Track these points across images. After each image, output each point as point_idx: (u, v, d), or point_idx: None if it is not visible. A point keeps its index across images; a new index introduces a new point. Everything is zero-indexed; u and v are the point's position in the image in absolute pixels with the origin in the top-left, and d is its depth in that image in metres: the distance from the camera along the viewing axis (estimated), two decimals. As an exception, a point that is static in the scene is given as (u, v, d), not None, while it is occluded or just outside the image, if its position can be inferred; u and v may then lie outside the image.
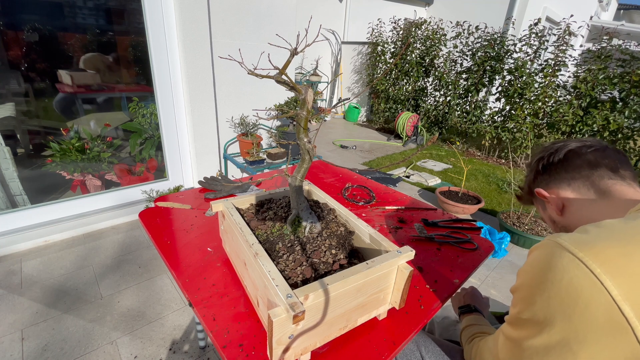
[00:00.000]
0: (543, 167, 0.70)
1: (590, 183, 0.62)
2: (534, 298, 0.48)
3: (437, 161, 4.37)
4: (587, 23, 5.43)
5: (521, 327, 0.52)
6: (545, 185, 0.69)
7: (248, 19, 2.47)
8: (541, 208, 0.74)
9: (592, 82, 3.76)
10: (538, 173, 0.71)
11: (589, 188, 0.62)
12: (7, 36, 1.89)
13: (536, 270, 0.49)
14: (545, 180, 0.69)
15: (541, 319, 0.47)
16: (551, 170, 0.68)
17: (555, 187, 0.67)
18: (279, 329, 0.54)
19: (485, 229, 2.36)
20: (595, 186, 0.62)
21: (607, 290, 0.41)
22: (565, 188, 0.65)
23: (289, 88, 0.67)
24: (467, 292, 1.01)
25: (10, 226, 1.99)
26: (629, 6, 12.47)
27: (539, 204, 0.75)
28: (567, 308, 0.44)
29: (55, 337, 1.45)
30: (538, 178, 0.71)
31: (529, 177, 0.74)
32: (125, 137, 2.53)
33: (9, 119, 2.04)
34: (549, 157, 0.69)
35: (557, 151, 0.68)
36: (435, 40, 5.39)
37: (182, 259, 0.90)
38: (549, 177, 0.68)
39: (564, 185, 0.65)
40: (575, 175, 0.64)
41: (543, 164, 0.69)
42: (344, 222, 0.84)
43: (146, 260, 1.99)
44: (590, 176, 0.63)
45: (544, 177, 0.69)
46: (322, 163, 1.78)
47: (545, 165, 0.69)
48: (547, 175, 0.69)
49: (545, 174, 0.69)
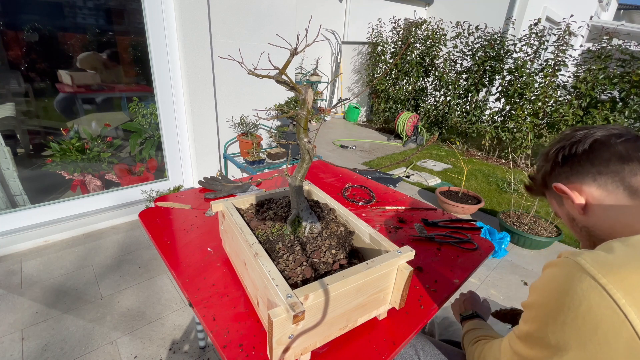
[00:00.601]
0: (564, 158, 0.60)
1: (620, 179, 0.54)
2: (547, 320, 0.45)
3: (437, 161, 4.37)
4: (587, 23, 5.42)
5: (531, 346, 0.48)
6: (565, 179, 0.60)
7: (248, 19, 2.47)
8: (556, 203, 0.66)
9: (592, 82, 3.76)
10: (557, 164, 0.61)
11: (618, 185, 0.54)
12: (7, 36, 1.89)
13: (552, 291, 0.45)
14: (566, 173, 0.60)
15: (553, 343, 0.44)
16: (573, 162, 0.58)
17: (578, 181, 0.58)
18: (279, 329, 0.54)
19: (485, 229, 2.36)
20: (626, 183, 0.54)
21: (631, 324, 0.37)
22: (589, 183, 0.57)
23: (289, 88, 0.67)
24: (466, 297, 0.97)
25: (10, 226, 1.99)
26: (629, 6, 12.47)
27: (553, 198, 0.66)
28: (584, 336, 0.40)
29: (55, 337, 1.45)
30: (556, 170, 0.62)
31: (545, 169, 0.64)
32: (125, 137, 2.53)
33: (9, 119, 2.04)
34: (571, 146, 0.59)
35: (580, 140, 0.58)
36: (435, 40, 5.39)
37: (182, 259, 0.90)
38: (571, 170, 0.59)
39: (589, 180, 0.57)
40: (602, 170, 0.55)
41: (564, 155, 0.60)
42: (344, 222, 0.84)
43: (146, 260, 1.99)
44: (620, 171, 0.54)
45: (564, 169, 0.60)
46: (322, 163, 1.78)
47: (567, 157, 0.59)
48: (568, 168, 0.59)
49: (566, 166, 0.60)
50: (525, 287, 2.02)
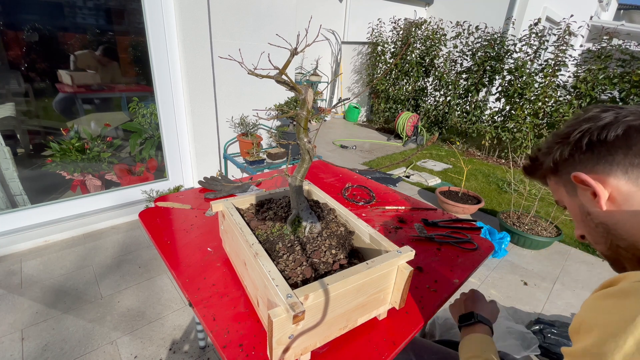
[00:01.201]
0: (589, 143, 0.51)
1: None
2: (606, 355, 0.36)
3: (437, 161, 4.37)
4: (587, 23, 5.42)
5: None
6: (587, 168, 0.52)
7: (248, 19, 2.47)
8: (566, 193, 0.58)
9: (592, 82, 3.76)
10: (578, 150, 0.52)
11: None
12: (7, 36, 1.89)
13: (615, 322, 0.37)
14: (590, 161, 0.51)
15: None
16: (602, 149, 0.50)
17: (604, 173, 0.50)
18: (279, 329, 0.54)
19: (485, 229, 2.36)
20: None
21: None
22: (619, 176, 0.49)
23: (289, 88, 0.67)
24: (467, 296, 0.86)
25: (10, 226, 1.99)
26: (629, 6, 12.47)
27: (563, 186, 0.58)
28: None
29: (55, 337, 1.45)
30: (577, 157, 0.53)
31: (559, 152, 0.55)
32: (125, 137, 2.53)
33: (9, 119, 2.04)
34: (600, 131, 0.50)
35: (610, 125, 0.50)
36: (435, 40, 5.39)
37: (182, 259, 0.90)
38: (597, 158, 0.50)
39: (619, 172, 0.49)
40: (636, 162, 0.48)
41: (590, 140, 0.51)
42: (344, 222, 0.84)
43: (146, 260, 1.99)
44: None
45: (587, 156, 0.51)
46: (322, 163, 1.78)
47: (594, 142, 0.51)
48: (594, 155, 0.51)
49: (591, 152, 0.51)
50: (525, 287, 2.02)
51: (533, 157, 0.63)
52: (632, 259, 0.52)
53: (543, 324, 1.60)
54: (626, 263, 0.53)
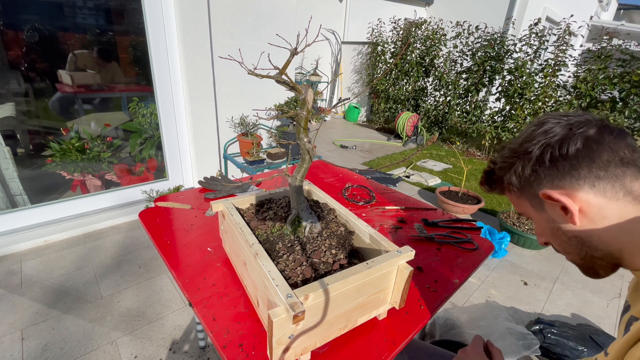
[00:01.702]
0: (552, 159, 0.49)
1: (620, 185, 0.46)
2: None
3: (437, 161, 4.37)
4: (587, 23, 5.42)
5: None
6: (551, 183, 0.50)
7: (248, 19, 2.47)
8: (531, 207, 0.56)
9: (592, 82, 3.76)
10: (542, 166, 0.50)
11: (617, 191, 0.47)
12: (7, 36, 1.89)
13: None
14: (556, 176, 0.49)
15: None
16: (565, 164, 0.48)
17: (572, 188, 0.48)
18: (279, 329, 0.54)
19: (485, 229, 2.36)
20: (627, 189, 0.46)
21: None
22: (587, 190, 0.48)
23: (289, 88, 0.67)
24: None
25: (10, 226, 1.99)
26: (629, 6, 12.47)
27: (528, 201, 0.55)
28: None
29: (55, 337, 1.45)
30: (540, 172, 0.50)
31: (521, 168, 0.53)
32: (125, 137, 2.53)
33: (9, 119, 2.04)
34: (560, 145, 0.48)
35: (569, 138, 0.48)
36: (435, 40, 5.39)
37: (182, 259, 0.90)
38: (562, 174, 0.49)
39: (586, 186, 0.48)
40: (602, 174, 0.46)
41: (552, 155, 0.49)
42: (344, 222, 0.84)
43: (146, 260, 1.99)
44: (621, 176, 0.46)
45: (553, 171, 0.49)
46: (322, 163, 1.78)
47: (556, 157, 0.49)
48: (556, 170, 0.49)
49: (555, 168, 0.49)
50: (525, 287, 2.02)
51: (489, 170, 0.61)
52: (606, 266, 0.53)
53: (543, 324, 1.60)
54: (600, 270, 0.54)
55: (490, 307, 1.57)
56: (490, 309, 1.55)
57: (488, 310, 1.54)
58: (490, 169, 0.60)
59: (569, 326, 1.60)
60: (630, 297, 0.54)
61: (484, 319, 1.48)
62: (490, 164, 0.61)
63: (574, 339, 1.49)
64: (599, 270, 0.54)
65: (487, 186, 0.62)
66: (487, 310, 1.54)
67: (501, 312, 1.53)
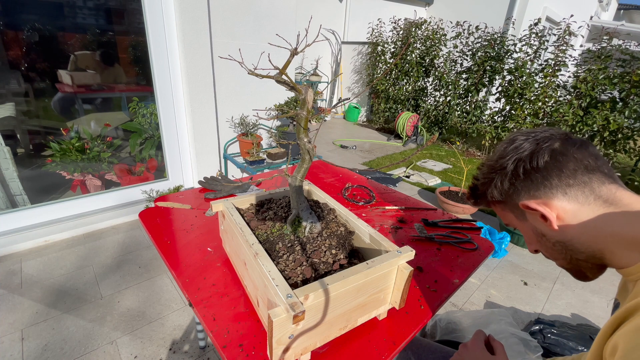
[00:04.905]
0: (524, 172, 0.55)
1: (589, 190, 0.52)
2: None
3: (437, 161, 4.37)
4: (587, 23, 5.42)
5: None
6: (528, 194, 0.55)
7: (248, 19, 2.47)
8: (515, 218, 0.61)
9: (592, 82, 3.75)
10: (517, 179, 0.56)
11: (588, 196, 0.52)
12: (7, 36, 1.89)
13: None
14: (531, 188, 0.55)
15: None
16: (537, 176, 0.54)
17: (546, 197, 0.54)
18: (279, 329, 0.54)
19: (485, 229, 2.36)
20: (596, 193, 0.51)
21: None
22: (560, 198, 0.53)
23: (289, 88, 0.67)
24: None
25: (10, 226, 1.99)
26: (629, 6, 12.47)
27: (510, 212, 0.61)
28: None
29: (55, 337, 1.45)
30: (517, 185, 0.56)
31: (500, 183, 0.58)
32: (125, 137, 2.53)
33: (9, 119, 2.04)
34: (530, 158, 0.54)
35: (537, 152, 0.54)
36: (435, 40, 5.39)
37: (182, 259, 0.90)
38: (536, 184, 0.54)
39: (559, 194, 0.53)
40: (571, 182, 0.52)
41: (524, 168, 0.55)
42: (344, 222, 0.84)
43: (146, 260, 1.99)
44: (588, 182, 0.52)
45: (527, 183, 0.55)
46: (322, 163, 1.78)
47: (528, 170, 0.54)
48: (530, 182, 0.55)
49: (529, 180, 0.55)
50: (525, 287, 2.02)
51: (472, 187, 0.66)
52: (592, 267, 0.56)
53: (543, 324, 1.60)
54: (587, 272, 0.57)
55: (494, 314, 1.56)
56: (494, 315, 1.54)
57: (492, 317, 1.53)
58: (473, 185, 0.65)
59: (569, 326, 1.59)
60: (620, 295, 0.57)
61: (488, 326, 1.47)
62: (474, 180, 0.65)
63: (574, 339, 1.48)
64: (587, 273, 0.57)
65: (472, 200, 0.67)
66: (492, 317, 1.53)
67: (504, 318, 1.53)
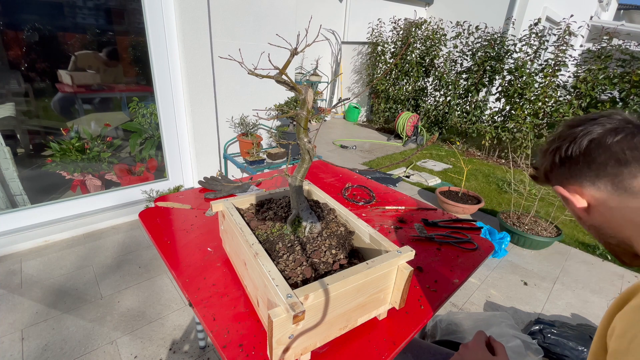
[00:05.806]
0: (561, 160, 0.58)
1: (619, 182, 0.52)
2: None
3: (437, 161, 4.37)
4: (587, 23, 5.42)
5: None
6: (564, 181, 0.58)
7: (248, 19, 2.47)
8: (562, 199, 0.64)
9: (592, 82, 3.75)
10: (554, 165, 0.59)
11: (617, 187, 0.52)
12: (7, 36, 1.89)
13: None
14: (564, 174, 0.58)
15: None
16: (571, 164, 0.56)
17: (577, 184, 0.56)
18: (279, 329, 0.54)
19: (485, 229, 2.36)
20: (627, 185, 0.51)
21: None
22: (588, 187, 0.55)
23: (289, 88, 0.67)
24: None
25: (10, 226, 1.99)
26: (629, 6, 12.46)
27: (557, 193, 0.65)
28: None
29: (55, 337, 1.45)
30: (555, 170, 0.60)
31: (545, 164, 0.62)
32: (125, 137, 2.53)
33: (9, 119, 2.04)
34: (567, 148, 0.56)
35: (575, 140, 0.55)
36: (435, 40, 5.39)
37: (182, 259, 0.90)
38: (569, 171, 0.57)
39: (587, 183, 0.55)
40: (600, 173, 0.53)
41: (560, 157, 0.57)
42: (344, 222, 0.84)
43: (146, 260, 1.99)
44: (619, 174, 0.51)
45: (562, 170, 0.58)
46: (322, 163, 1.78)
47: (563, 159, 0.57)
48: (566, 169, 0.57)
49: (564, 167, 0.58)
50: (525, 287, 2.02)
51: (536, 166, 0.68)
52: (625, 253, 0.57)
53: (543, 324, 1.60)
54: (622, 256, 0.59)
55: (495, 316, 1.56)
56: (495, 317, 1.54)
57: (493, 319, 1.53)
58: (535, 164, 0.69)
59: (569, 326, 1.59)
60: None
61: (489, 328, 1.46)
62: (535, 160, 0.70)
63: (574, 339, 1.48)
64: (622, 257, 0.59)
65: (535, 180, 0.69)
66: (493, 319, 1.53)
67: (506, 320, 1.52)
